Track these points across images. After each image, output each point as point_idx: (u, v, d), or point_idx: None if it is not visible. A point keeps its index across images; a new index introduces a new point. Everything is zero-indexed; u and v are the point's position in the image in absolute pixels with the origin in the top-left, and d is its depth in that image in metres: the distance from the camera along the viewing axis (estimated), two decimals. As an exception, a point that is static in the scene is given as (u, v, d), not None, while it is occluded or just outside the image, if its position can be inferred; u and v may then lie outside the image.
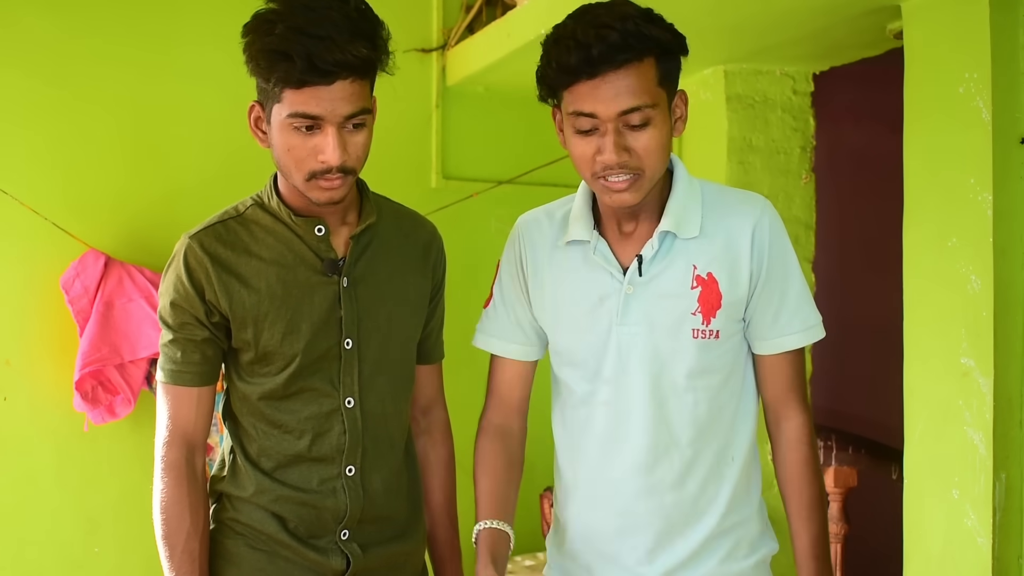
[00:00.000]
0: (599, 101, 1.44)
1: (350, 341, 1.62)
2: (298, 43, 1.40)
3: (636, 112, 1.44)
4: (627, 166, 1.47)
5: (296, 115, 1.46)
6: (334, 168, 1.48)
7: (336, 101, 1.45)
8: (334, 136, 1.47)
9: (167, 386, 1.62)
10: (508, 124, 3.59)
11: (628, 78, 1.43)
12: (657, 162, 1.49)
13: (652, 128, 1.47)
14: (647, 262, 1.56)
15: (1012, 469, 2.13)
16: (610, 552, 1.63)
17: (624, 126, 1.46)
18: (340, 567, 1.65)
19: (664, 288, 1.56)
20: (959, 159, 2.19)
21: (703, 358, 1.56)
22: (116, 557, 3.06)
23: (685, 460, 1.58)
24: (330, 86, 1.44)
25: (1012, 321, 2.13)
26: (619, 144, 1.46)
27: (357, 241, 1.63)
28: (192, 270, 1.57)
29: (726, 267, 1.55)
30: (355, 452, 1.64)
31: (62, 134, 3.00)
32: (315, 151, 1.48)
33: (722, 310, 1.55)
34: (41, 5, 2.97)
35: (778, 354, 1.60)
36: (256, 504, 1.64)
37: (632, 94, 1.43)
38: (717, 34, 2.83)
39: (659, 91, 1.47)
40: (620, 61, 1.42)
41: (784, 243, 1.59)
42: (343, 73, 1.44)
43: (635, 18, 1.44)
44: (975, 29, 2.14)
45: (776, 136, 3.23)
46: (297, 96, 1.44)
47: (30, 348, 2.98)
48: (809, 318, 1.61)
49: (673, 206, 1.56)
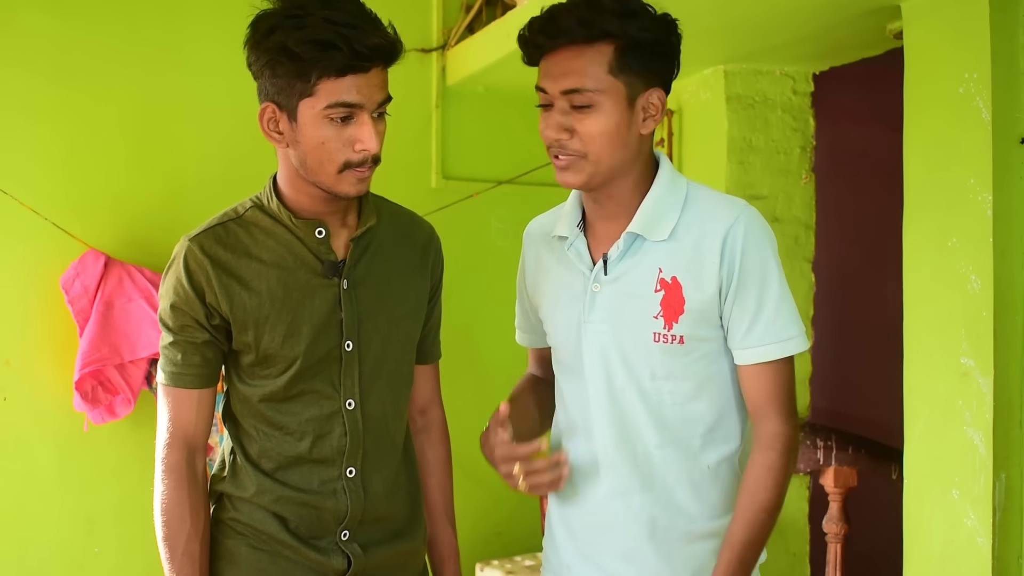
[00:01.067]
0: (547, 76, 1.50)
1: (351, 343, 1.62)
2: (337, 32, 1.43)
3: (578, 94, 1.47)
4: (566, 147, 1.50)
5: (335, 105, 1.47)
6: (371, 157, 1.51)
7: (373, 88, 1.49)
8: (370, 124, 1.50)
9: (167, 388, 1.62)
10: (508, 124, 3.59)
11: (575, 60, 1.47)
12: (602, 149, 1.49)
13: (597, 114, 1.48)
14: (612, 261, 1.57)
15: (1012, 469, 2.13)
16: (587, 551, 1.63)
17: (570, 106, 1.49)
18: (341, 567, 1.65)
19: (628, 288, 1.55)
20: (959, 159, 2.19)
21: (668, 363, 1.54)
22: (116, 557, 3.06)
23: (653, 463, 1.56)
24: (367, 73, 1.48)
25: (1012, 321, 2.13)
26: (559, 123, 1.49)
27: (357, 243, 1.64)
28: (192, 272, 1.57)
29: (692, 272, 1.52)
30: (356, 454, 1.64)
31: (62, 134, 3.00)
32: (350, 141, 1.50)
33: (685, 316, 1.52)
34: (42, 4, 2.97)
35: (754, 364, 1.54)
36: (257, 504, 1.64)
37: (576, 75, 1.47)
38: (717, 34, 2.83)
39: (610, 79, 1.47)
40: (566, 38, 1.47)
41: (762, 251, 1.53)
42: (378, 59, 1.48)
43: (601, 5, 1.46)
44: (975, 29, 2.14)
45: (776, 136, 3.24)
46: (336, 86, 1.46)
47: (30, 348, 2.98)
48: (786, 330, 1.53)
49: (645, 208, 1.55)
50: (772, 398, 1.54)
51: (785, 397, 1.55)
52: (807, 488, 3.27)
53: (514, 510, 3.52)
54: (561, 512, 1.68)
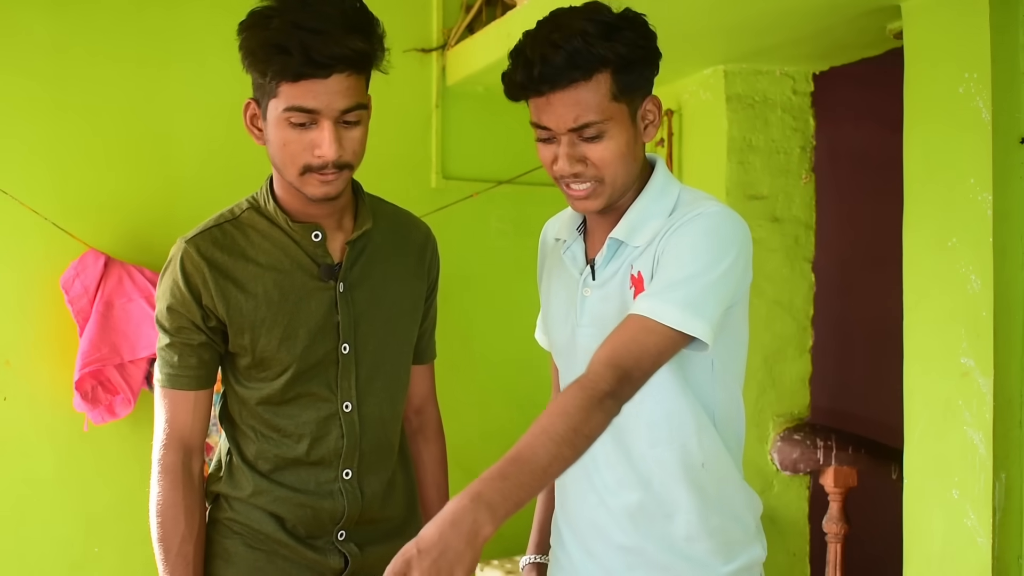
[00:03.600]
0: (550, 116, 1.46)
1: (347, 346, 1.62)
2: (295, 36, 1.41)
3: (587, 128, 1.45)
4: (583, 175, 1.48)
5: (292, 109, 1.46)
6: (330, 163, 1.48)
7: (332, 95, 1.45)
8: (330, 130, 1.47)
9: (164, 390, 1.62)
10: (508, 124, 3.58)
11: (576, 96, 1.43)
12: (617, 170, 1.49)
13: (607, 140, 1.46)
14: (598, 267, 1.57)
15: (1012, 469, 2.13)
16: (589, 547, 1.63)
17: (578, 138, 1.47)
18: (338, 566, 1.65)
19: (610, 291, 1.56)
20: (959, 159, 2.19)
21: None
22: (116, 557, 3.06)
23: (645, 461, 1.56)
24: (326, 79, 1.44)
25: (1012, 321, 2.13)
26: (572, 155, 1.47)
27: (353, 246, 1.63)
28: (189, 275, 1.57)
29: (648, 264, 1.50)
30: (352, 456, 1.65)
31: (62, 134, 3.00)
32: (311, 146, 1.48)
33: None
34: (41, 5, 2.97)
35: (629, 314, 1.40)
36: (254, 504, 1.64)
37: (582, 111, 1.43)
38: (717, 34, 2.83)
39: (614, 105, 1.46)
40: (565, 82, 1.43)
41: (698, 234, 1.44)
42: (339, 66, 1.44)
43: (587, 35, 1.42)
44: (975, 29, 2.14)
45: (776, 136, 3.23)
46: (294, 90, 1.45)
47: (30, 348, 2.98)
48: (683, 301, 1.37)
49: (630, 215, 1.54)
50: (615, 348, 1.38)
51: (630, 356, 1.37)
52: (807, 488, 3.26)
53: (514, 510, 3.52)
54: (564, 510, 1.69)
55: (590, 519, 1.62)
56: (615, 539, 1.60)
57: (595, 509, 1.61)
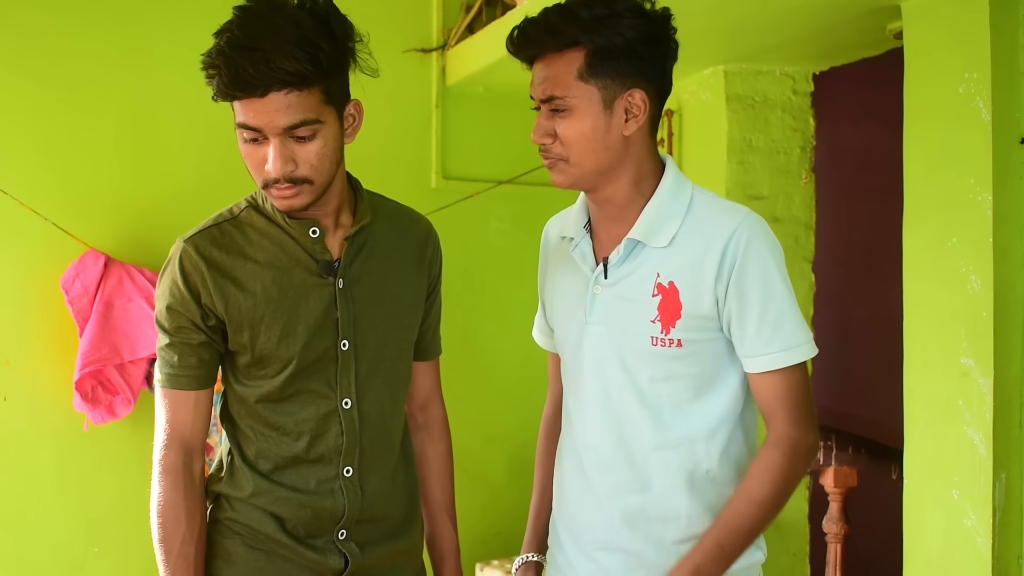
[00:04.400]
0: (532, 84, 1.56)
1: (347, 342, 1.62)
2: (225, 57, 1.43)
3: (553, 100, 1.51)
4: (550, 151, 1.54)
5: (240, 126, 1.49)
6: (280, 179, 1.49)
7: (271, 113, 1.45)
8: (275, 147, 1.47)
9: (165, 390, 1.62)
10: (508, 124, 3.58)
11: (548, 68, 1.52)
12: (583, 152, 1.52)
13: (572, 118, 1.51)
14: (612, 266, 1.58)
15: (1012, 469, 2.13)
16: (587, 549, 1.63)
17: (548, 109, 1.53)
18: (338, 566, 1.65)
19: (627, 292, 1.56)
20: (959, 159, 2.19)
21: (667, 366, 1.54)
22: (116, 557, 3.06)
23: (650, 463, 1.56)
24: (263, 98, 1.44)
25: (1012, 321, 2.13)
26: (542, 127, 1.53)
27: (352, 242, 1.63)
28: (188, 274, 1.57)
29: (689, 278, 1.52)
30: (352, 453, 1.64)
31: (62, 134, 3.00)
32: (263, 161, 1.50)
33: (682, 320, 1.52)
34: (41, 5, 2.97)
35: (762, 373, 1.53)
36: (254, 505, 1.64)
37: (549, 82, 1.52)
38: (717, 34, 2.83)
39: (582, 85, 1.49)
40: (537, 51, 1.54)
41: (764, 258, 1.52)
42: (275, 85, 1.44)
43: (571, 14, 1.50)
44: (975, 29, 2.14)
45: (776, 136, 3.24)
46: (238, 107, 1.48)
47: (30, 348, 2.98)
48: (793, 337, 1.51)
49: (647, 215, 1.55)
50: (781, 403, 1.53)
51: (795, 402, 1.53)
52: (807, 488, 3.27)
53: (514, 510, 3.52)
54: (562, 512, 1.69)
55: (587, 522, 1.62)
56: (613, 542, 1.59)
57: (593, 512, 1.61)
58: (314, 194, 1.53)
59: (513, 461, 3.56)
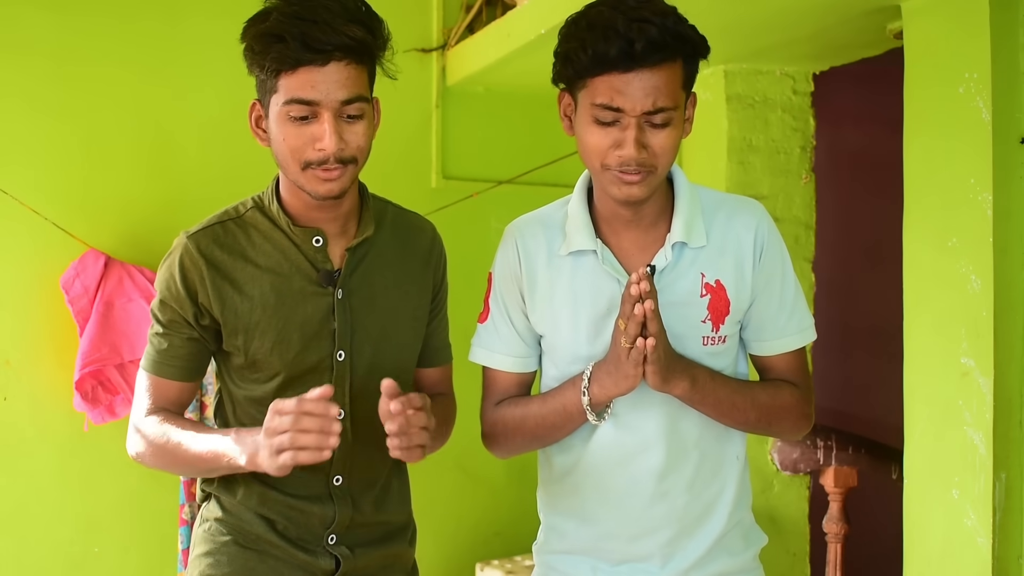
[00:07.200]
0: (628, 97, 1.43)
1: (342, 353, 1.61)
2: (292, 25, 1.42)
3: (660, 113, 1.45)
4: (644, 163, 1.47)
5: (292, 101, 1.45)
6: (331, 157, 1.47)
7: (331, 84, 1.45)
8: (330, 122, 1.46)
9: (149, 375, 1.62)
10: (508, 124, 3.58)
11: (659, 77, 1.43)
12: (669, 161, 1.51)
13: (671, 129, 1.47)
14: (663, 272, 1.55)
15: (1012, 469, 2.13)
16: (621, 556, 1.62)
17: (647, 123, 1.46)
18: (330, 567, 1.64)
19: (675, 297, 1.54)
20: (959, 159, 2.19)
21: (713, 363, 1.57)
22: (116, 557, 3.06)
23: (695, 463, 1.59)
24: (324, 67, 1.44)
25: (1012, 321, 2.13)
26: (640, 141, 1.45)
27: (353, 253, 1.62)
28: (186, 271, 1.57)
29: (732, 274, 1.57)
30: (343, 462, 1.63)
31: (62, 134, 3.00)
32: (311, 140, 1.47)
33: (730, 316, 1.57)
34: (42, 6, 2.97)
35: (778, 355, 1.64)
36: (245, 506, 1.63)
37: (661, 94, 1.44)
38: (717, 34, 2.80)
39: (681, 94, 1.48)
40: (656, 60, 1.42)
41: (780, 246, 1.62)
42: (337, 53, 1.44)
43: (673, 15, 1.45)
44: (975, 29, 2.14)
45: (776, 136, 3.23)
46: (292, 81, 1.45)
47: (30, 348, 2.98)
48: (805, 319, 1.64)
49: (681, 216, 1.56)
50: (794, 380, 1.64)
51: (804, 380, 1.66)
52: (807, 488, 3.26)
53: (514, 510, 3.51)
54: (585, 521, 1.64)
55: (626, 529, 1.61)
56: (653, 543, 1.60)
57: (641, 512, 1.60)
58: (352, 179, 1.53)
59: (513, 461, 3.53)
